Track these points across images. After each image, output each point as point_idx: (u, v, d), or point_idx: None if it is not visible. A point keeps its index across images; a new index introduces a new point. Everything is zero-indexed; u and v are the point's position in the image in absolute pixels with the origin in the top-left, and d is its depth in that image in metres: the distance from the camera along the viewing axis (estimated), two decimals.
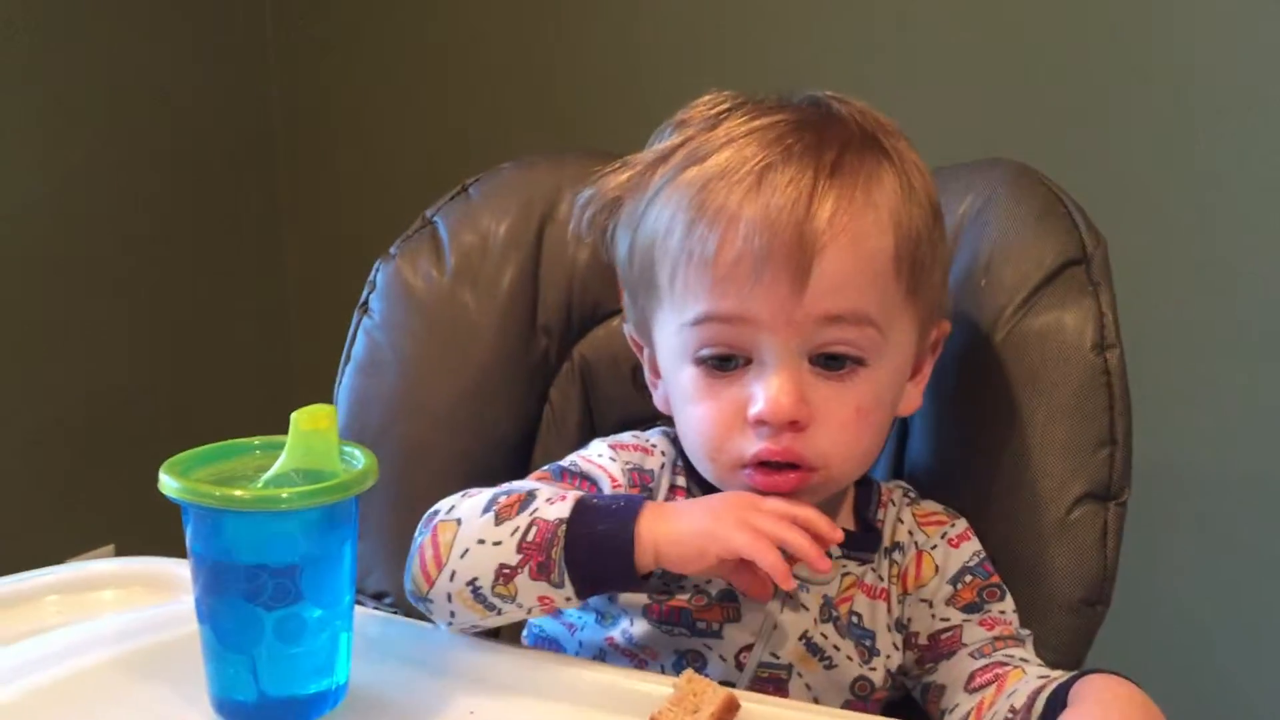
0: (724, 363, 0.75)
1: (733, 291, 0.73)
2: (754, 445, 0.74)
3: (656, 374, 0.82)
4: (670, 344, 0.78)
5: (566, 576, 0.70)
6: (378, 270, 0.99)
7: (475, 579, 0.72)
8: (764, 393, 0.73)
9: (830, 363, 0.74)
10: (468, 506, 0.74)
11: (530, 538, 0.71)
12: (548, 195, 0.99)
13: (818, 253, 0.72)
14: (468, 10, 1.96)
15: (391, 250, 1.00)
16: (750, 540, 0.68)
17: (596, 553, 0.70)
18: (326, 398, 1.01)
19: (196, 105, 2.04)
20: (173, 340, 2.05)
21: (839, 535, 0.72)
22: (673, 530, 0.69)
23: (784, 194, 0.72)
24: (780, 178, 0.72)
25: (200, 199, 2.07)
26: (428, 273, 0.98)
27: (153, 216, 2.01)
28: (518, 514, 0.72)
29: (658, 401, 0.83)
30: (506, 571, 0.71)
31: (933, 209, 0.78)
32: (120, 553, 2.00)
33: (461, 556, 0.72)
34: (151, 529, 1.28)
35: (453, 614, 0.73)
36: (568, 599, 0.71)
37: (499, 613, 0.72)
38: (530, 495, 0.73)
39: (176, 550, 0.69)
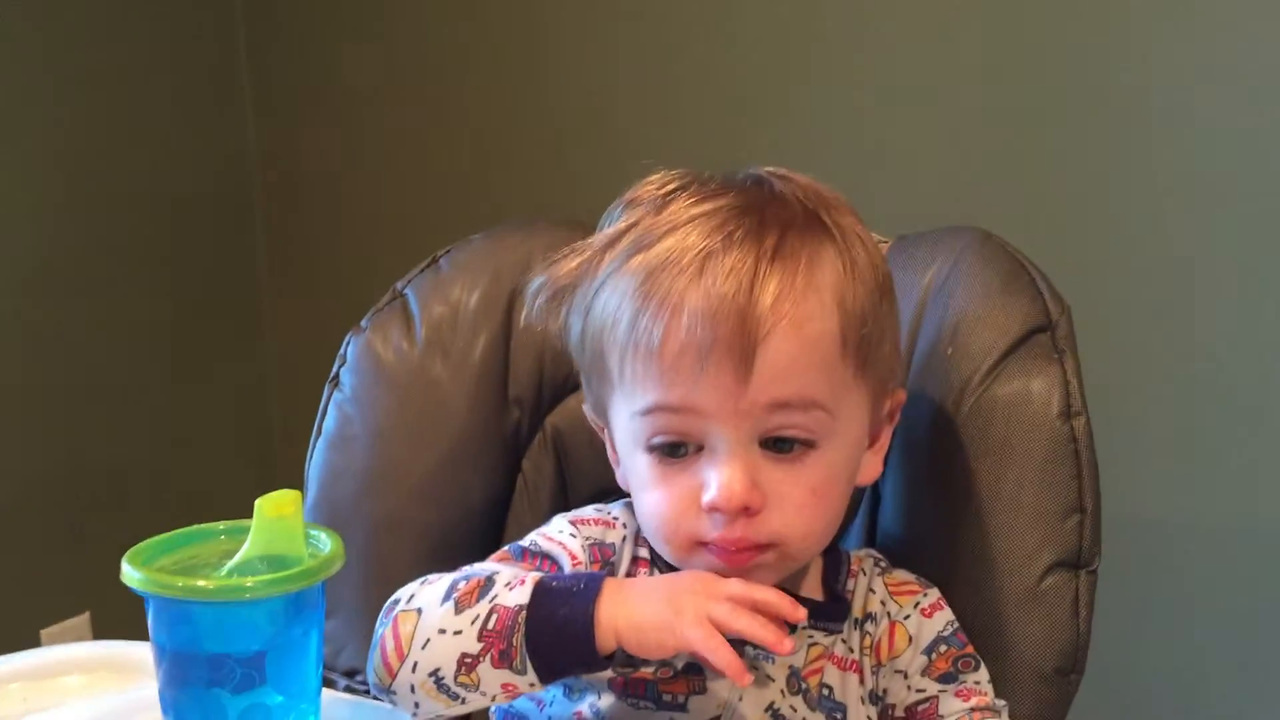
0: (675, 449, 0.75)
1: (679, 382, 0.73)
2: (709, 531, 0.75)
3: (617, 453, 0.82)
4: (624, 430, 0.78)
5: (529, 663, 0.69)
6: (348, 343, 0.99)
7: (438, 669, 0.71)
8: (716, 480, 0.73)
9: (780, 445, 0.75)
10: (428, 595, 0.74)
11: (491, 625, 0.70)
12: (518, 265, 0.99)
13: (761, 340, 0.72)
14: (441, 83, 1.97)
15: (362, 323, 1.00)
16: (705, 638, 0.68)
17: (558, 638, 0.69)
18: (304, 467, 1.01)
19: (174, 177, 2.05)
20: (152, 408, 2.05)
21: (802, 614, 0.71)
22: (632, 617, 0.69)
23: (726, 282, 0.72)
24: (722, 266, 0.73)
25: (178, 270, 2.07)
26: (399, 345, 0.98)
27: (130, 286, 2.01)
28: (477, 601, 0.72)
29: (620, 481, 0.83)
30: (469, 661, 0.70)
31: (878, 282, 0.78)
32: (96, 620, 1.98)
33: (423, 647, 0.72)
34: (128, 597, 1.26)
35: (417, 705, 0.73)
36: (531, 685, 0.71)
37: (463, 702, 0.72)
38: (489, 581, 0.73)
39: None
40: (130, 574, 0.65)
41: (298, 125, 2.12)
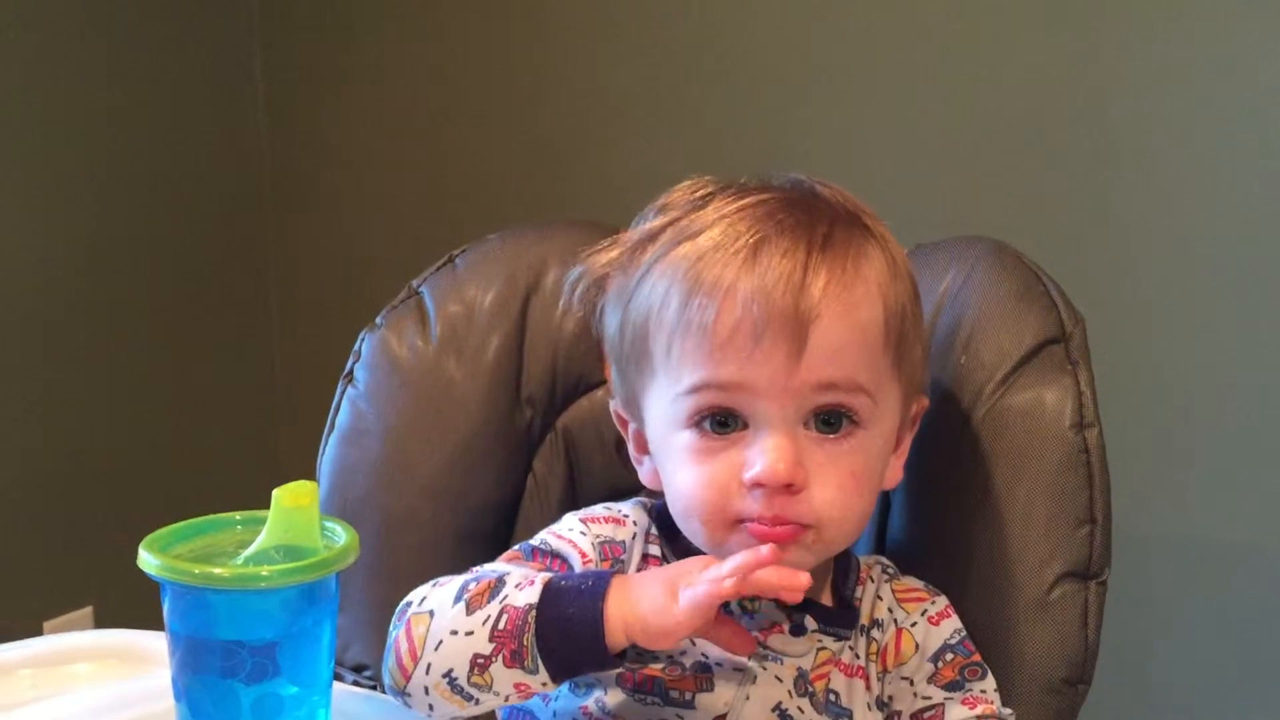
0: (722, 426, 0.76)
1: (731, 358, 0.74)
2: (749, 508, 0.75)
3: (642, 450, 0.83)
4: (664, 414, 0.78)
5: (541, 663, 0.70)
6: (363, 340, 1.00)
7: (451, 670, 0.72)
8: (761, 456, 0.74)
9: (826, 425, 0.75)
10: (439, 597, 0.74)
11: (502, 625, 0.71)
12: (533, 267, 1.00)
13: (813, 321, 0.73)
14: (459, 80, 1.98)
15: (377, 320, 1.00)
16: (695, 609, 0.68)
17: (568, 637, 0.70)
18: (311, 465, 1.01)
19: (185, 172, 2.06)
20: (157, 402, 2.05)
21: (804, 581, 0.70)
22: (637, 608, 0.70)
23: (779, 266, 0.74)
24: (774, 250, 0.74)
25: (187, 264, 2.07)
26: (413, 343, 0.98)
27: (139, 281, 2.01)
28: (488, 602, 0.72)
29: (644, 477, 0.83)
30: (481, 661, 0.71)
31: (914, 287, 0.80)
32: (98, 614, 1.98)
33: (436, 649, 0.72)
34: (130, 590, 1.27)
35: (431, 706, 0.73)
36: (544, 684, 0.71)
37: (477, 702, 0.72)
38: (500, 582, 0.73)
39: (155, 613, 0.69)
40: (148, 560, 0.65)
41: (308, 122, 2.12)
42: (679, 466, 0.77)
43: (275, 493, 0.68)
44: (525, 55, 1.91)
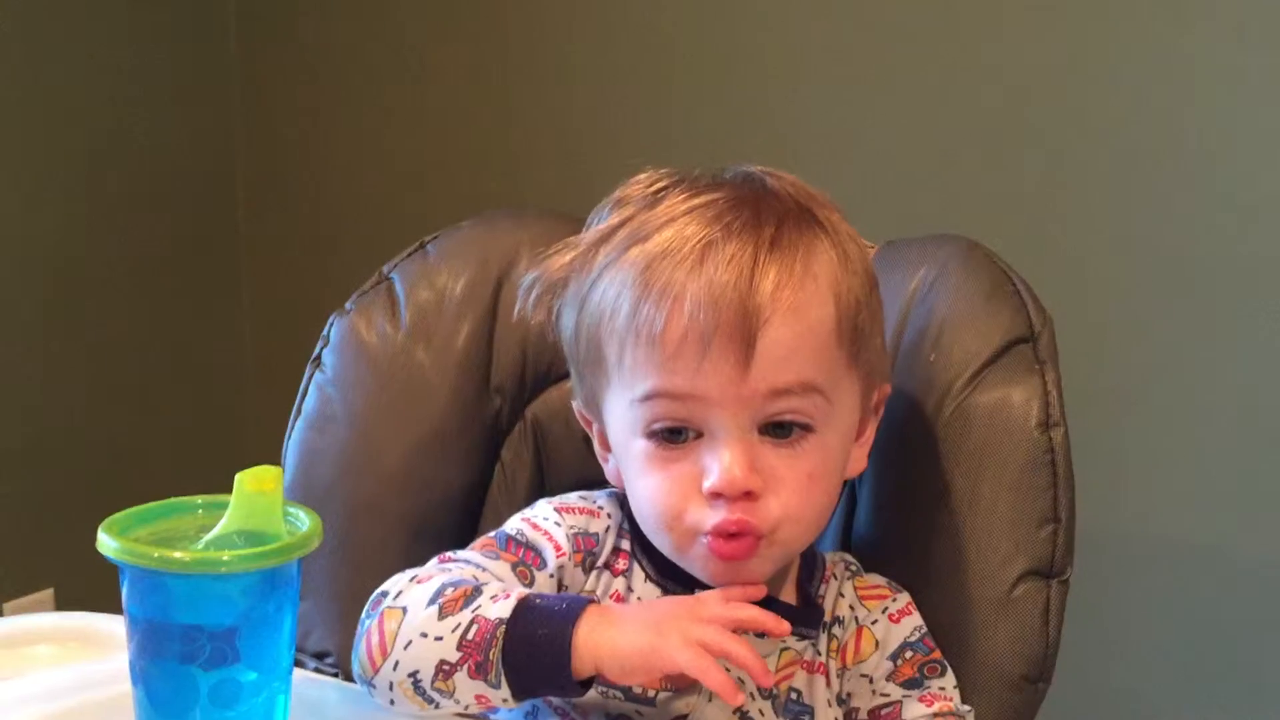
0: (674, 435, 0.76)
1: (680, 369, 0.74)
2: (709, 517, 0.75)
3: (606, 448, 0.83)
4: (621, 419, 0.78)
5: (504, 679, 0.70)
6: (332, 325, 0.99)
7: (416, 671, 0.71)
8: (718, 465, 0.74)
9: (779, 430, 0.75)
10: (415, 595, 0.74)
11: (471, 636, 0.70)
12: (506, 254, 0.99)
13: (761, 326, 0.73)
14: (433, 67, 1.97)
15: (347, 305, 0.99)
16: (694, 659, 0.68)
17: (534, 658, 0.70)
18: (277, 450, 1.01)
19: (158, 151, 2.03)
20: (122, 384, 2.03)
21: (786, 628, 0.72)
22: (615, 644, 0.69)
23: (726, 270, 0.73)
24: (722, 254, 0.74)
25: (157, 245, 2.05)
26: (382, 329, 0.97)
27: (107, 261, 1.99)
28: (461, 609, 0.72)
29: (609, 474, 0.83)
30: (446, 668, 0.71)
31: (868, 276, 0.80)
32: (60, 596, 1.96)
33: (405, 648, 0.72)
34: (92, 574, 1.25)
35: (393, 701, 0.73)
36: (504, 700, 0.71)
37: (437, 706, 0.72)
38: (476, 590, 0.73)
39: (117, 596, 0.68)
40: (106, 543, 0.65)
41: (283, 107, 2.10)
42: (637, 474, 0.78)
43: (238, 477, 0.67)
44: (501, 44, 1.90)
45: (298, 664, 0.75)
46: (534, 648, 0.69)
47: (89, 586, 1.21)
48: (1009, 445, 0.83)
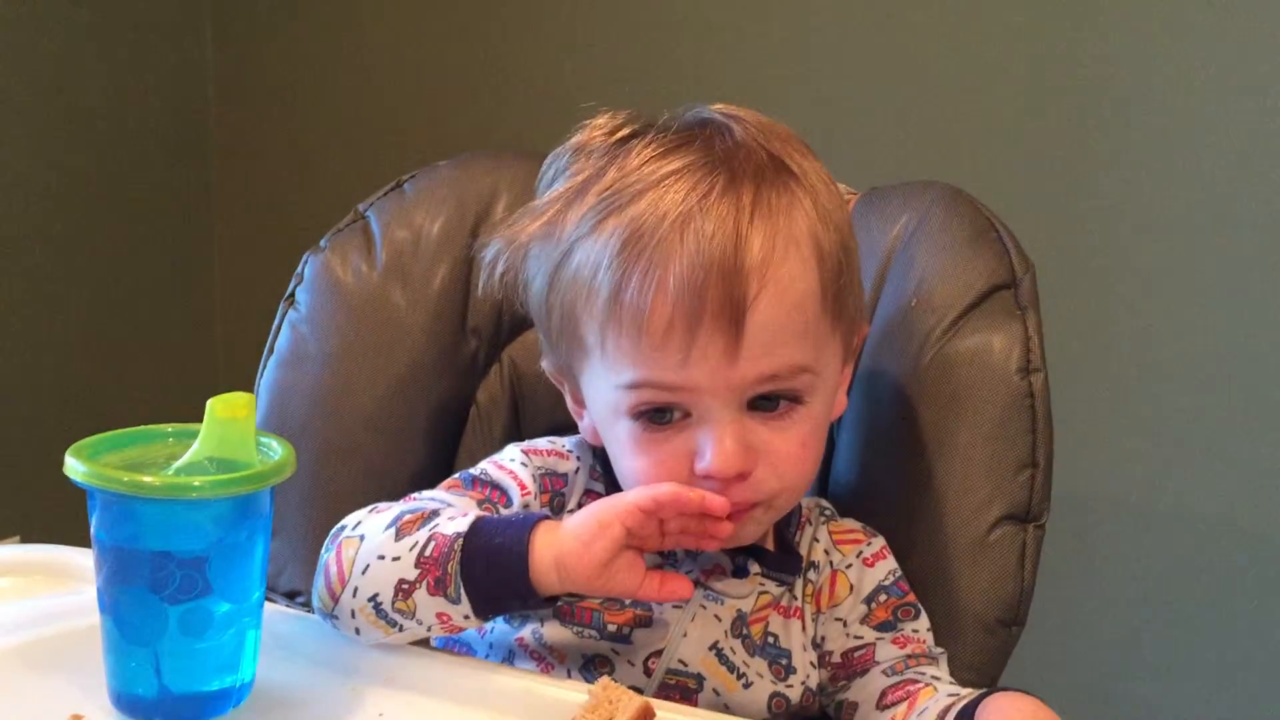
0: (661, 415, 0.74)
1: (668, 360, 0.72)
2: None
3: (581, 405, 0.81)
4: (604, 399, 0.76)
5: (463, 591, 0.69)
6: (306, 262, 0.97)
7: (376, 594, 0.71)
8: (711, 448, 0.73)
9: (768, 403, 0.74)
10: (372, 523, 0.73)
11: (428, 552, 0.70)
12: (484, 196, 0.98)
13: (749, 304, 0.71)
14: (412, 5, 1.94)
15: (321, 243, 0.98)
16: (645, 489, 0.68)
17: (492, 566, 0.69)
18: (247, 389, 0.99)
19: (130, 88, 2.00)
20: (90, 327, 2.00)
21: (720, 502, 0.70)
22: (570, 538, 0.68)
23: (709, 247, 0.71)
24: (703, 231, 0.71)
25: (127, 183, 2.02)
26: (357, 267, 0.96)
27: (78, 200, 1.96)
28: (418, 530, 0.71)
29: (584, 431, 0.82)
30: (405, 587, 0.70)
31: (845, 223, 0.78)
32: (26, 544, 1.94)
33: (363, 573, 0.71)
34: (59, 521, 1.24)
35: (358, 630, 0.72)
36: (466, 616, 0.70)
37: (400, 629, 0.71)
38: (434, 512, 0.72)
39: (84, 544, 0.67)
40: (75, 467, 0.63)
41: (255, 48, 2.07)
42: (624, 454, 0.76)
43: (210, 403, 0.66)
44: None
45: (268, 602, 0.74)
46: (492, 556, 0.69)
47: (55, 534, 1.19)
48: (989, 390, 0.83)
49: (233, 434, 0.66)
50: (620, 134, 0.77)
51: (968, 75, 1.60)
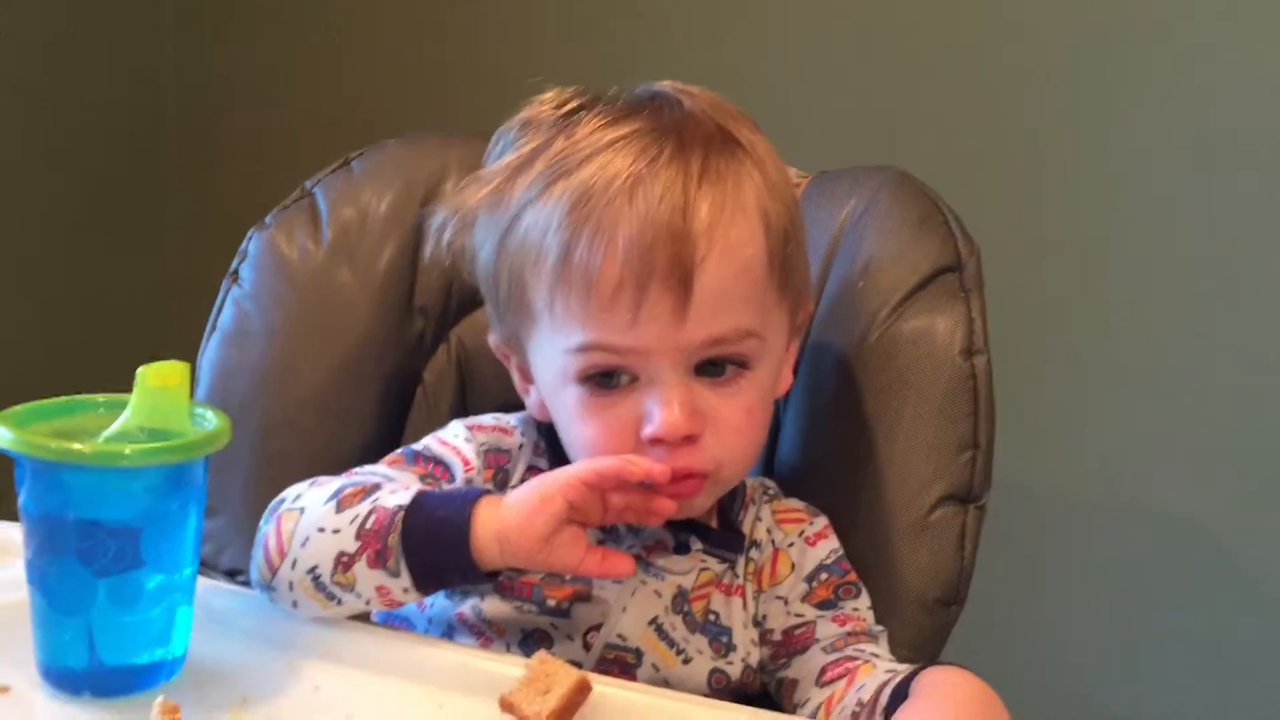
0: (608, 379, 0.74)
1: (616, 321, 0.72)
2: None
3: (528, 380, 0.81)
4: (551, 365, 0.76)
5: (403, 564, 0.68)
6: (251, 239, 0.96)
7: (315, 567, 0.70)
8: (658, 412, 0.73)
9: (714, 369, 0.74)
10: (313, 496, 0.73)
11: (369, 525, 0.69)
12: (432, 175, 0.98)
13: (698, 265, 0.71)
14: None
15: (267, 219, 0.97)
16: (587, 462, 0.69)
17: (432, 539, 0.68)
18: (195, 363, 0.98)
19: (83, 66, 1.97)
20: (39, 304, 1.97)
21: (660, 469, 0.70)
22: (512, 512, 0.68)
23: (658, 209, 0.71)
24: (652, 192, 0.71)
25: (78, 162, 1.99)
26: (303, 245, 0.95)
27: (27, 173, 1.93)
28: (359, 502, 0.70)
29: (531, 408, 0.82)
30: (345, 559, 0.69)
31: (791, 198, 0.79)
32: None
33: (303, 545, 0.70)
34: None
35: (295, 603, 0.72)
36: (405, 590, 0.69)
37: (339, 602, 0.71)
38: (376, 486, 0.72)
39: (12, 518, 0.66)
40: (2, 434, 0.62)
41: (212, 20, 2.05)
42: (572, 421, 0.76)
43: (140, 370, 0.65)
44: None
45: (205, 577, 0.73)
46: (433, 529, 0.68)
47: None
48: (931, 371, 0.84)
49: (164, 403, 0.65)
50: (568, 107, 0.78)
51: (917, 60, 1.60)
